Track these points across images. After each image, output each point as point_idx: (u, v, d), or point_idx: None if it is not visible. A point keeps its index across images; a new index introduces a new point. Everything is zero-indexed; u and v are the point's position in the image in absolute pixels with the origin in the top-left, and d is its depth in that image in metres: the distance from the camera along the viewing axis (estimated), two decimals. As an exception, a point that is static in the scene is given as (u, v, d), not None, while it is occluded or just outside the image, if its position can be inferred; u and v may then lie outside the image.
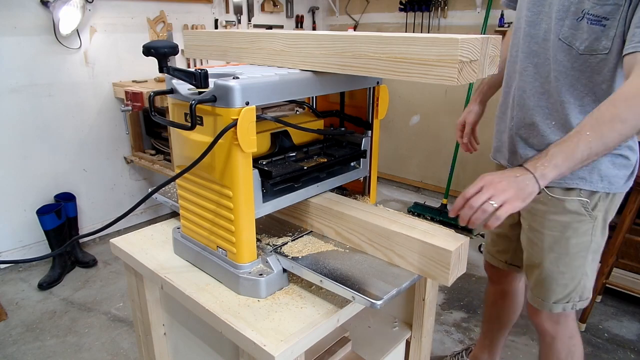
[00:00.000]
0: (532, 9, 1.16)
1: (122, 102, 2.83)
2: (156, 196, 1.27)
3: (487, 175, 0.91)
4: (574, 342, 1.34)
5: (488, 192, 0.86)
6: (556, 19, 1.09)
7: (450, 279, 0.86)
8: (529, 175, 0.88)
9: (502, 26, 3.09)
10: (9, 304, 2.34)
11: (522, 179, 0.88)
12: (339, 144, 1.19)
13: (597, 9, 1.01)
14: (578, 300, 1.25)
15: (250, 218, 0.92)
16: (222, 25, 3.47)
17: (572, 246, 1.20)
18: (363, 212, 1.01)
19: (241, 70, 0.97)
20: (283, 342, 0.81)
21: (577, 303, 1.25)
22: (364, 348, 1.23)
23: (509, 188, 0.86)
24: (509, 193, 0.86)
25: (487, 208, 0.85)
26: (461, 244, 0.87)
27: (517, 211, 0.89)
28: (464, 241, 0.88)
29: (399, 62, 0.81)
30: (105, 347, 2.04)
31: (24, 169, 2.65)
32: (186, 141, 0.94)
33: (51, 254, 0.95)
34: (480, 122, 1.55)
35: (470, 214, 0.87)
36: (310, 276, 0.92)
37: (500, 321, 1.70)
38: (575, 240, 1.20)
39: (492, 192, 0.86)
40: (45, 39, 2.59)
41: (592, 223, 1.18)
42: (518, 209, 0.86)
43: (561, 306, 1.26)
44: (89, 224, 2.99)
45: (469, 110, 1.54)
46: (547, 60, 1.15)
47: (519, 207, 0.86)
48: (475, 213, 0.86)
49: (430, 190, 3.92)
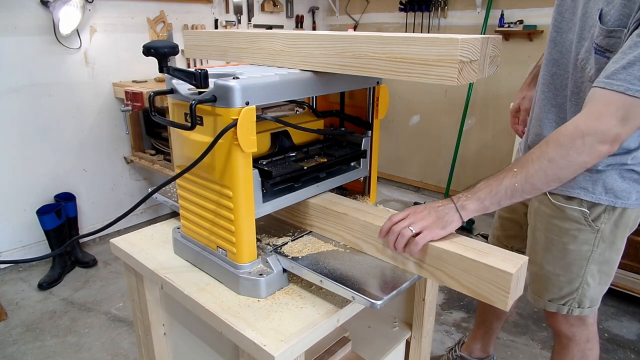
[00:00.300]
0: (563, 14, 1.11)
1: (122, 102, 2.83)
2: (156, 196, 1.27)
3: (416, 206, 0.95)
4: (590, 346, 1.32)
5: (409, 219, 0.90)
6: (578, 35, 1.06)
7: (509, 302, 0.80)
8: (450, 205, 0.91)
9: (502, 26, 3.09)
10: (9, 304, 2.34)
11: (443, 209, 0.91)
12: (339, 144, 1.19)
13: (601, 39, 0.97)
14: (577, 307, 1.23)
15: (250, 218, 0.92)
16: (222, 25, 3.47)
17: (570, 252, 1.19)
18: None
19: (241, 70, 0.97)
20: (283, 342, 0.81)
21: (575, 309, 1.24)
22: (364, 348, 1.23)
23: (428, 216, 0.90)
24: (428, 220, 0.89)
25: (405, 233, 0.88)
26: (521, 265, 0.80)
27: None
28: (523, 262, 0.82)
29: (399, 62, 0.81)
30: (105, 347, 2.04)
31: (24, 169, 2.65)
32: (186, 141, 0.94)
33: (51, 254, 0.95)
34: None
35: (392, 239, 0.90)
36: (310, 276, 0.92)
37: (495, 311, 1.69)
38: (573, 247, 1.18)
39: (413, 219, 0.89)
40: (45, 39, 2.59)
41: (594, 234, 1.15)
42: (438, 236, 0.88)
43: (555, 306, 1.25)
44: (89, 224, 2.99)
45: (522, 96, 1.49)
46: (566, 72, 1.11)
47: (440, 235, 0.88)
48: (397, 238, 0.89)
49: (430, 190, 3.92)
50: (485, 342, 1.78)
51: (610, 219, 1.14)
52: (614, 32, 0.95)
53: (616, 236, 1.17)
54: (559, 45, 1.13)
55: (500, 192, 0.91)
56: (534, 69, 1.49)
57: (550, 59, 1.15)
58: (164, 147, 2.95)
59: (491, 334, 1.76)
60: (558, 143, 0.90)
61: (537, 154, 0.92)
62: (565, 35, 1.11)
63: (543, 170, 0.90)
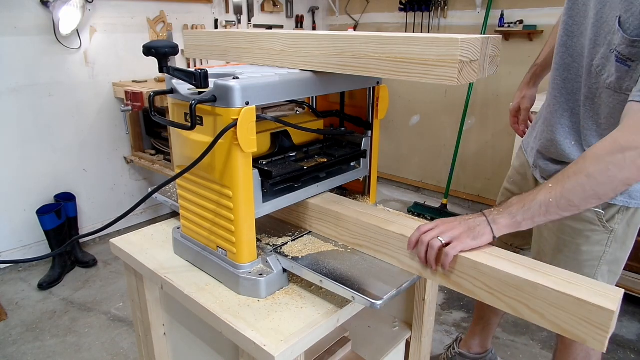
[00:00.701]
0: (574, 17, 1.09)
1: (122, 102, 2.83)
2: (156, 196, 1.27)
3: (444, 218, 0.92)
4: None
5: (438, 229, 0.87)
6: (592, 41, 1.03)
7: (606, 342, 0.70)
8: (482, 218, 0.88)
9: (502, 26, 3.09)
10: (9, 304, 2.34)
11: (474, 221, 0.88)
12: (339, 144, 1.19)
13: (623, 48, 0.94)
14: None
15: (250, 218, 0.92)
16: (222, 25, 3.47)
17: (582, 253, 1.18)
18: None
19: (241, 70, 0.97)
20: (283, 342, 0.81)
21: None
22: (364, 348, 1.23)
23: (458, 226, 0.87)
24: (458, 230, 0.86)
25: (435, 244, 0.85)
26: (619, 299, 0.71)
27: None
28: (621, 294, 0.73)
29: (399, 62, 0.81)
30: (105, 347, 2.04)
31: (24, 169, 2.65)
32: (186, 141, 0.94)
33: (51, 254, 0.95)
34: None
35: (422, 250, 0.87)
36: (310, 276, 0.92)
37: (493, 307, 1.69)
38: (585, 248, 1.18)
39: (442, 229, 0.86)
40: (45, 39, 2.59)
41: (607, 234, 1.15)
42: (470, 247, 0.84)
43: None
44: (89, 224, 2.99)
45: (522, 95, 1.48)
46: (578, 77, 1.10)
47: (471, 246, 0.84)
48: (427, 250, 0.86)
49: (430, 190, 3.91)
50: (484, 337, 1.79)
51: (623, 219, 1.14)
52: (636, 42, 0.92)
53: (627, 236, 1.17)
54: (571, 50, 1.11)
55: (533, 208, 0.86)
56: (532, 68, 1.48)
57: (562, 63, 1.13)
58: (164, 147, 2.95)
59: (489, 330, 1.77)
60: (596, 158, 0.86)
61: (574, 170, 0.87)
62: (577, 39, 1.09)
63: (581, 186, 0.85)
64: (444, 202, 3.43)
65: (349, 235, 1.02)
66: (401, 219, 0.98)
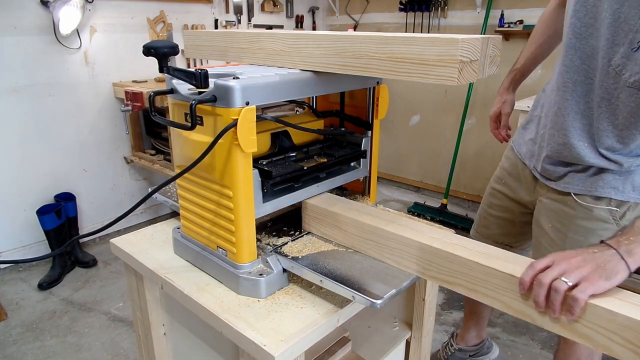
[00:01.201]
0: (582, 19, 1.07)
1: (122, 102, 2.83)
2: (156, 196, 1.27)
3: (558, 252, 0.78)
4: None
5: (559, 267, 0.73)
6: (609, 41, 1.01)
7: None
8: (611, 252, 0.75)
9: (502, 26, 3.09)
10: (9, 304, 2.34)
11: (601, 255, 0.75)
12: (339, 144, 1.19)
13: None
14: None
15: (250, 218, 0.92)
16: (222, 25, 3.47)
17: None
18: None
19: (241, 70, 0.97)
20: (283, 342, 0.81)
21: None
22: (364, 348, 1.23)
23: (584, 263, 0.73)
24: (586, 269, 0.72)
25: (559, 287, 0.70)
26: None
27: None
28: None
29: (399, 62, 0.81)
30: (105, 347, 2.04)
31: (24, 169, 2.65)
32: (186, 141, 0.94)
33: (51, 254, 0.95)
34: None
35: (542, 293, 0.71)
36: (310, 276, 0.92)
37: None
38: None
39: (564, 267, 0.72)
40: (45, 39, 2.59)
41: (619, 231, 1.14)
42: (603, 289, 0.70)
43: None
44: (89, 224, 2.99)
45: (502, 100, 1.48)
46: (589, 79, 1.08)
47: (604, 288, 0.70)
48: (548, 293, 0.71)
49: (430, 190, 3.92)
50: (479, 328, 1.80)
51: (632, 215, 1.15)
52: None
53: None
54: (579, 52, 1.09)
55: None
56: (510, 73, 1.49)
57: (570, 65, 1.11)
58: (164, 147, 2.95)
59: (483, 321, 1.79)
60: None
61: None
62: (586, 41, 1.07)
63: None
64: (444, 202, 3.43)
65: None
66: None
